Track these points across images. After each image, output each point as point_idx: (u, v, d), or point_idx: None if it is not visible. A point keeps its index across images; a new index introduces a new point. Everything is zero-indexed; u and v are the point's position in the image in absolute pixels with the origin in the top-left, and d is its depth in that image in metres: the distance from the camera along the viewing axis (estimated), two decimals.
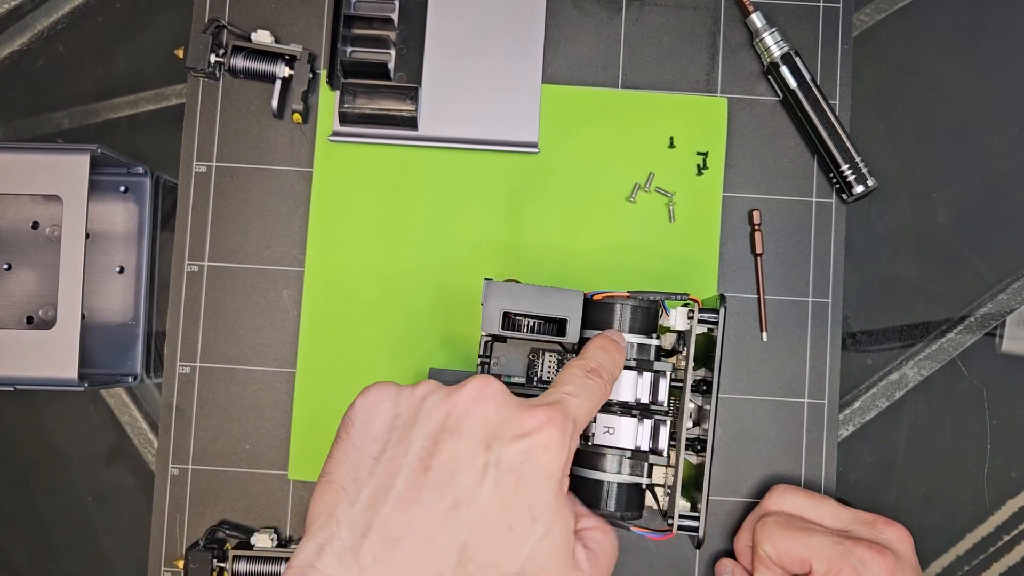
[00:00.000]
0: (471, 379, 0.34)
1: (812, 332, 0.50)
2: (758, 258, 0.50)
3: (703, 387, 0.42)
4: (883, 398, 0.51)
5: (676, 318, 0.41)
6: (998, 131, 0.52)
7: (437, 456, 0.32)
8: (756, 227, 0.50)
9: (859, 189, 0.49)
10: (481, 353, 0.43)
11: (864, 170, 0.49)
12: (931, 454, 0.51)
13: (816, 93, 0.49)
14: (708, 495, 0.40)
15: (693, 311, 0.41)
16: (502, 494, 0.32)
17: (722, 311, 0.40)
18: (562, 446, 0.33)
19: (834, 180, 0.50)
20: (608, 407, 0.40)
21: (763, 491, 0.49)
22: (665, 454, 0.40)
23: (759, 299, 0.50)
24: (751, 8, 0.50)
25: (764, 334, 0.50)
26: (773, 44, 0.50)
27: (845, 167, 0.49)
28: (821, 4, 0.52)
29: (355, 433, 0.34)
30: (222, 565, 0.47)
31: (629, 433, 0.39)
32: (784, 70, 0.49)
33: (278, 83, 0.50)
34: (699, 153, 0.51)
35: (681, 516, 0.40)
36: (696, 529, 0.40)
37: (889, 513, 0.50)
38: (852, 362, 0.51)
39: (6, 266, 0.49)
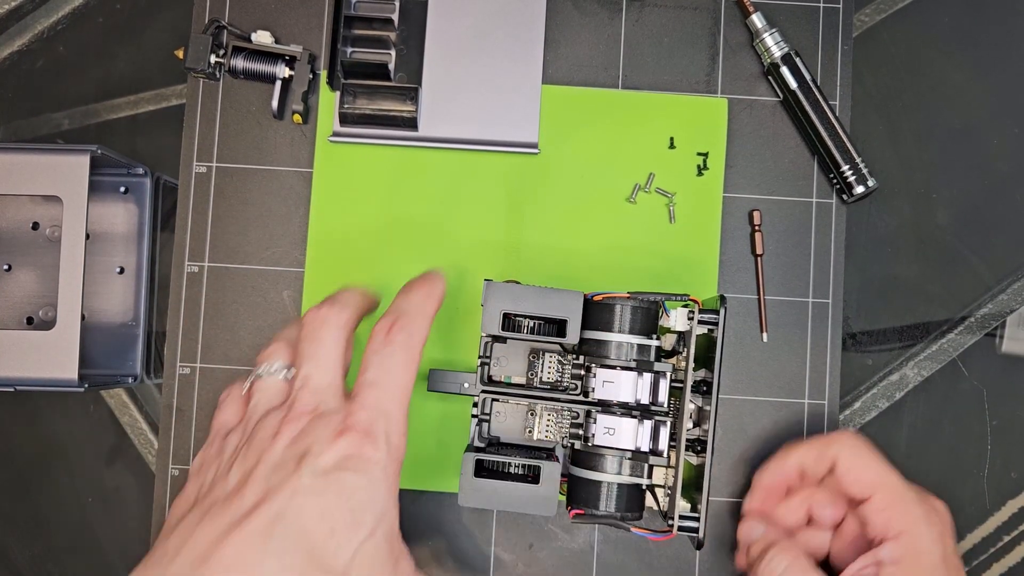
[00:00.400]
0: (288, 410, 0.37)
1: (812, 333, 0.50)
2: (758, 259, 0.50)
3: (703, 388, 0.42)
4: (883, 399, 0.51)
5: (676, 319, 0.41)
6: (998, 131, 0.52)
7: (251, 485, 0.35)
8: (756, 228, 0.50)
9: (860, 189, 0.49)
10: (481, 354, 0.43)
11: (864, 170, 0.49)
12: (931, 455, 0.51)
13: (816, 94, 0.49)
14: (708, 496, 0.40)
15: (693, 312, 0.41)
16: (320, 503, 0.34)
17: (722, 312, 0.40)
18: (374, 446, 0.35)
19: (834, 181, 0.50)
20: (608, 408, 0.40)
21: None
22: (665, 455, 0.40)
23: (759, 300, 0.50)
24: (751, 9, 0.50)
25: (764, 335, 0.50)
26: (773, 44, 0.50)
27: (845, 168, 0.49)
28: (821, 5, 0.52)
29: (199, 473, 0.39)
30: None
31: (629, 434, 0.39)
32: (784, 71, 0.49)
33: (278, 84, 0.50)
34: (699, 154, 0.51)
35: (681, 517, 0.40)
36: (696, 530, 0.40)
37: None
38: (852, 363, 0.51)
39: (6, 267, 0.49)
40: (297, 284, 0.50)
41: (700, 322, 0.41)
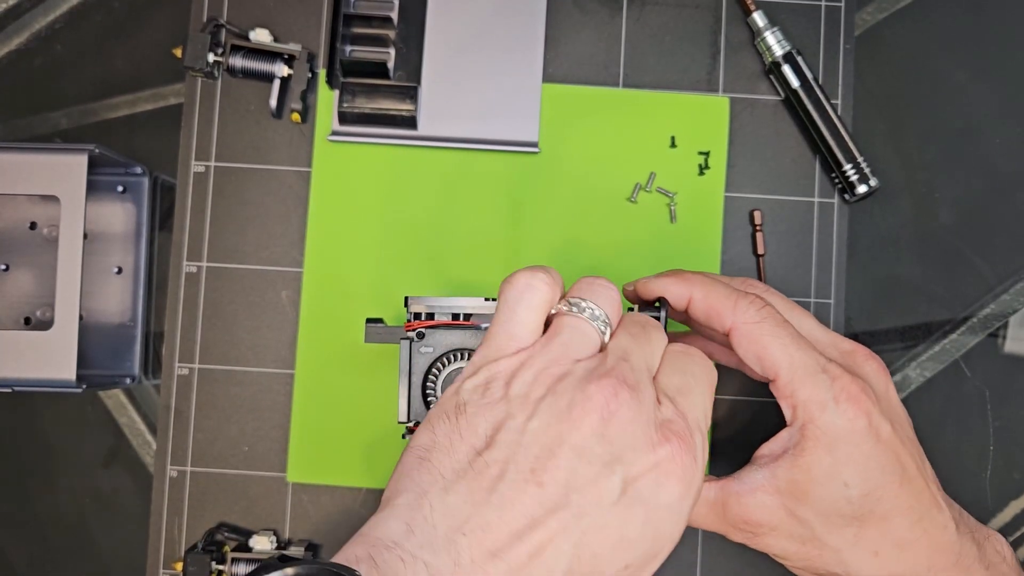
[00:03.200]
0: (603, 372, 0.31)
1: None
2: (760, 259, 0.50)
3: None
4: None
5: None
6: (1001, 131, 0.52)
7: (553, 472, 0.29)
8: (758, 227, 0.50)
9: (862, 189, 0.49)
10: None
11: (867, 170, 0.49)
12: (933, 455, 0.50)
13: (818, 92, 0.49)
14: None
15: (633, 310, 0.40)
16: (624, 526, 0.30)
17: (663, 314, 0.39)
18: (694, 465, 0.31)
19: (836, 180, 0.50)
20: None
21: None
22: None
23: None
24: (752, 7, 0.50)
25: None
26: (775, 43, 0.49)
27: (848, 167, 0.49)
28: (823, 3, 0.51)
29: (464, 420, 0.31)
30: (221, 567, 0.47)
31: None
32: (786, 69, 0.49)
33: (277, 82, 0.50)
34: (701, 153, 0.51)
35: None
36: None
37: None
38: None
39: (3, 267, 0.49)
40: (296, 284, 0.50)
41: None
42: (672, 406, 0.32)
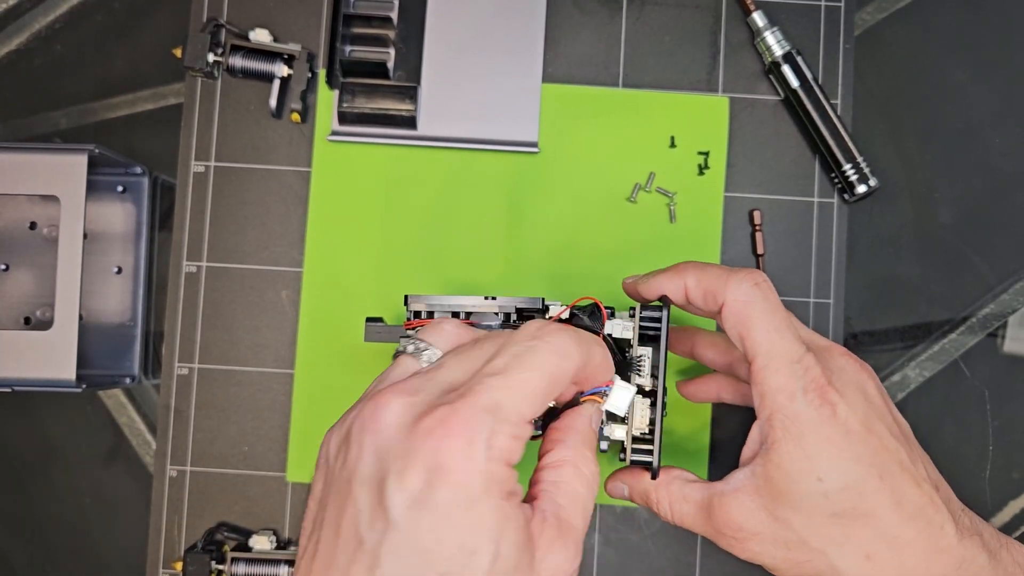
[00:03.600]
0: (368, 396, 0.30)
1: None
2: (759, 259, 0.50)
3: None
4: None
5: (611, 326, 0.40)
6: (1000, 131, 0.52)
7: (345, 512, 0.28)
8: (757, 227, 0.50)
9: (861, 189, 0.49)
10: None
11: (866, 170, 0.49)
12: (933, 455, 0.50)
13: (818, 92, 0.49)
14: (660, 430, 0.39)
15: (634, 313, 0.40)
16: (416, 541, 0.27)
17: (665, 313, 0.39)
18: (468, 449, 0.27)
19: (836, 180, 0.50)
20: None
21: None
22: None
23: None
24: (752, 7, 0.50)
25: None
26: (775, 43, 0.49)
27: (847, 167, 0.49)
28: (823, 3, 0.51)
29: (310, 495, 0.31)
30: (220, 567, 0.47)
31: None
32: (786, 69, 0.49)
33: (276, 82, 0.50)
34: (700, 153, 0.51)
35: (636, 451, 0.39)
36: (650, 463, 0.39)
37: None
38: None
39: (3, 267, 0.49)
40: (296, 284, 0.50)
41: (641, 322, 0.40)
42: (459, 395, 0.29)
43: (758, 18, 0.50)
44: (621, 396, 0.37)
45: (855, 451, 0.35)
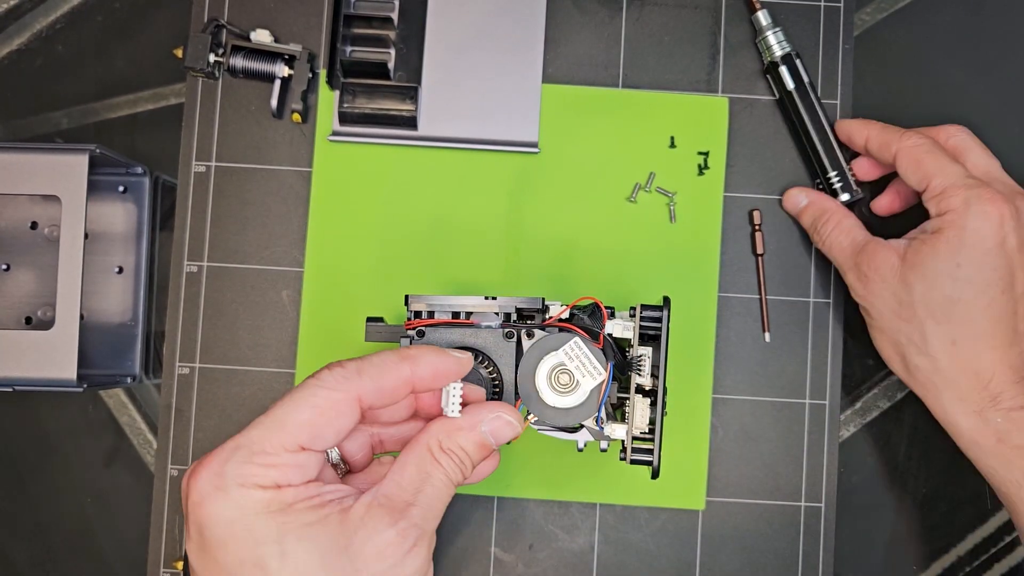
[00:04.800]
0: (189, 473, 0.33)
1: (813, 333, 0.50)
2: (759, 258, 0.50)
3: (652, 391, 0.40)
4: (884, 399, 0.51)
5: (611, 326, 0.40)
6: (999, 131, 0.52)
7: None
8: (757, 227, 0.50)
9: (844, 197, 0.49)
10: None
11: (851, 179, 0.49)
12: (932, 454, 0.51)
13: (812, 98, 0.49)
14: (661, 429, 0.39)
15: (635, 312, 0.40)
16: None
17: (666, 313, 0.39)
18: (217, 487, 0.32)
19: (820, 185, 0.50)
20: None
21: (765, 492, 0.49)
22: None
23: (761, 300, 0.50)
24: (757, 5, 0.50)
25: (767, 335, 0.50)
26: (776, 43, 0.49)
27: (832, 174, 0.49)
28: (822, 4, 0.51)
29: None
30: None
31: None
32: (783, 70, 0.49)
33: (277, 83, 0.50)
34: (700, 153, 0.51)
35: (636, 451, 0.39)
36: (651, 461, 0.39)
37: (890, 514, 0.50)
38: (853, 363, 0.51)
39: (5, 266, 0.49)
40: (296, 284, 0.50)
41: (641, 322, 0.40)
42: (219, 447, 0.33)
43: (762, 17, 0.50)
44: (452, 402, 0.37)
45: (996, 261, 0.42)
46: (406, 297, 0.40)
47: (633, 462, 0.39)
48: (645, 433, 0.39)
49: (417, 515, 0.33)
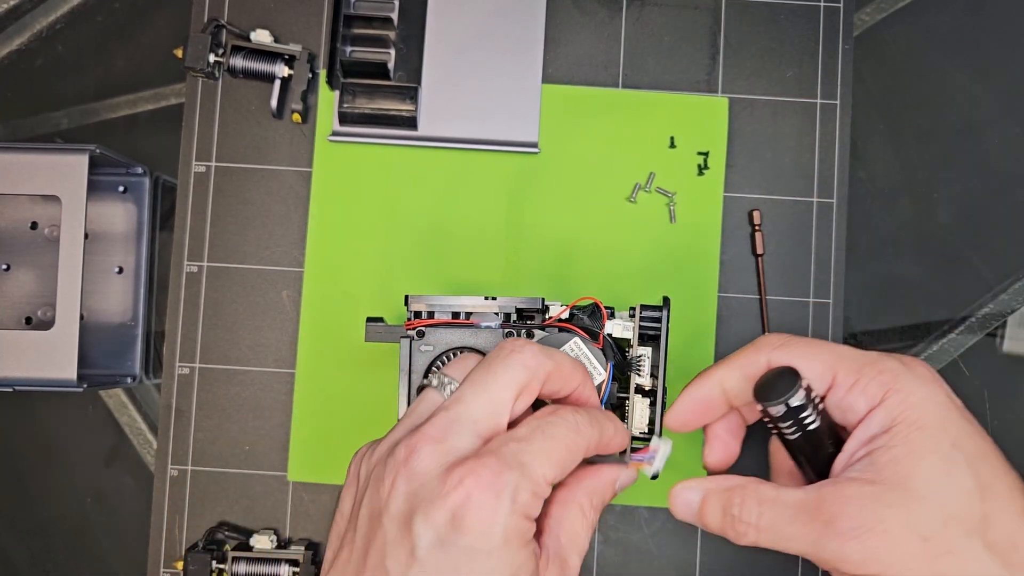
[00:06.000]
0: (401, 440, 0.32)
1: (813, 333, 0.50)
2: (759, 259, 0.50)
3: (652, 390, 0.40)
4: None
5: (611, 326, 0.40)
6: (999, 131, 0.52)
7: (373, 541, 0.30)
8: (757, 227, 0.50)
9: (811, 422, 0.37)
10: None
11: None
12: None
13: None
14: (661, 429, 0.39)
15: (635, 312, 0.40)
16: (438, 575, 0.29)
17: (665, 313, 0.39)
18: (495, 502, 0.29)
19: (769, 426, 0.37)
20: None
21: None
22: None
23: (761, 300, 0.50)
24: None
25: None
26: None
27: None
28: (822, 4, 0.51)
29: (338, 509, 0.34)
30: (221, 566, 0.47)
31: None
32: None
33: (277, 83, 0.50)
34: (700, 153, 0.51)
35: (636, 450, 0.39)
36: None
37: None
38: None
39: (5, 266, 0.49)
40: (296, 284, 0.50)
41: (641, 322, 0.40)
42: (489, 452, 0.31)
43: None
44: (662, 456, 0.37)
45: (970, 430, 0.34)
46: (406, 297, 0.40)
47: (633, 456, 0.39)
48: (645, 433, 0.39)
49: (573, 573, 0.33)
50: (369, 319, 0.42)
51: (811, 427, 0.34)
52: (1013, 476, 0.34)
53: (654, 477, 0.38)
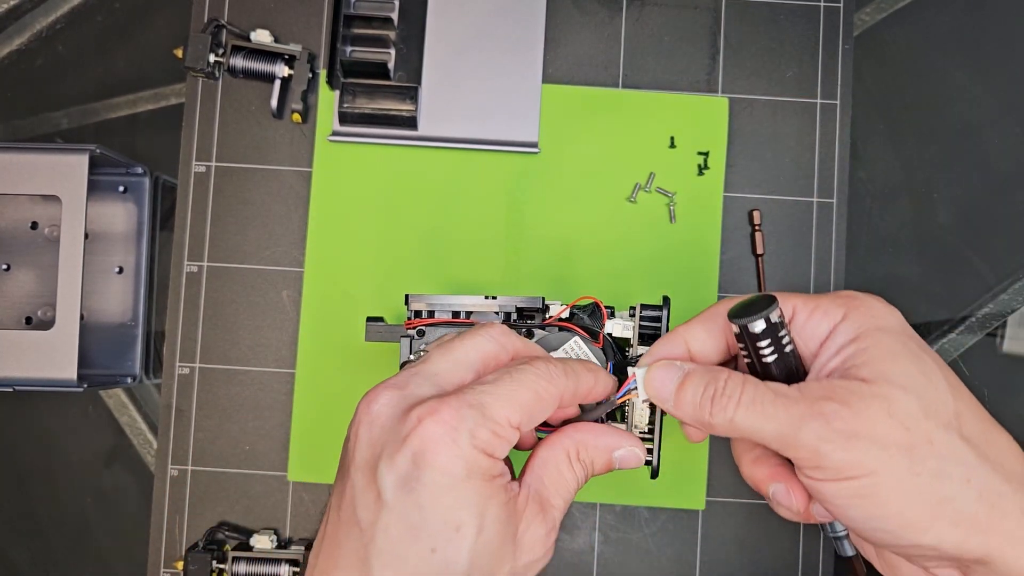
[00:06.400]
0: (367, 393, 0.32)
1: None
2: (759, 258, 0.50)
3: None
4: None
5: (611, 326, 0.40)
6: (999, 131, 0.52)
7: (344, 495, 0.31)
8: (757, 227, 0.50)
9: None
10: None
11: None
12: None
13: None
14: (660, 429, 0.39)
15: (634, 312, 0.40)
16: (405, 518, 0.30)
17: (665, 312, 0.39)
18: (453, 436, 0.30)
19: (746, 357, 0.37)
20: None
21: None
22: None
23: None
24: None
25: None
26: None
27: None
28: (822, 4, 0.51)
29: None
30: (221, 566, 0.47)
31: None
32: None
33: (277, 83, 0.50)
34: (700, 153, 0.51)
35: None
36: (650, 461, 0.39)
37: None
38: None
39: (5, 266, 0.49)
40: (296, 284, 0.50)
41: (642, 320, 0.40)
42: (450, 394, 0.31)
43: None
44: (642, 379, 0.36)
45: (913, 342, 0.34)
46: (406, 297, 0.40)
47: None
48: (645, 433, 0.39)
49: (556, 516, 0.33)
50: (369, 319, 0.42)
51: (788, 347, 0.34)
52: (969, 392, 0.35)
53: (645, 401, 0.37)
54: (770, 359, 0.34)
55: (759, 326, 0.33)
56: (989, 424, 0.34)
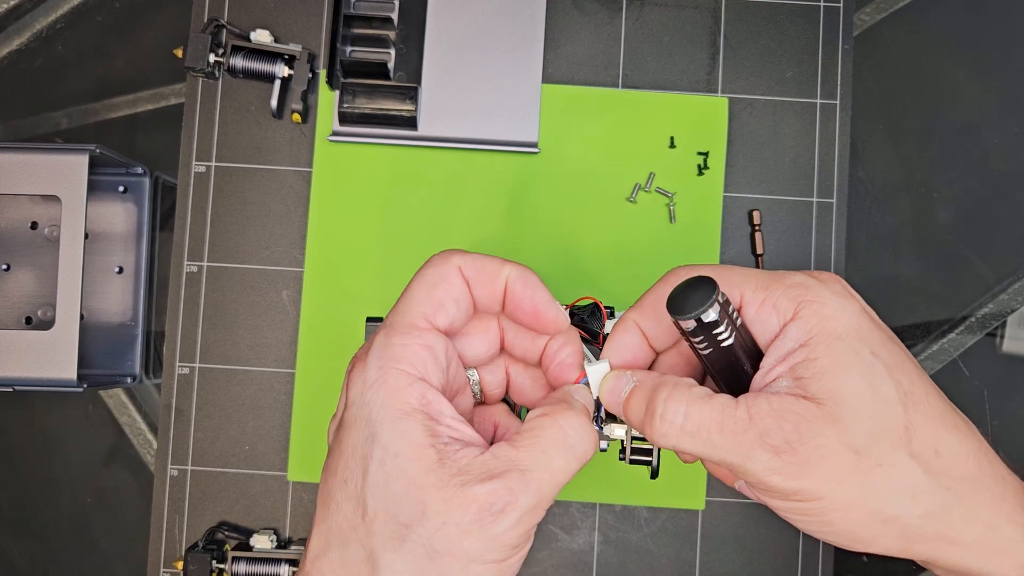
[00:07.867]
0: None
1: None
2: (759, 258, 0.50)
3: None
4: None
5: (611, 326, 0.40)
6: (999, 131, 0.52)
7: (327, 477, 0.34)
8: (757, 227, 0.50)
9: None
10: None
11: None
12: None
13: None
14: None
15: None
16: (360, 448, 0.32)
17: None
18: (363, 367, 0.32)
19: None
20: None
21: None
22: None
23: None
24: None
25: None
26: None
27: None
28: (822, 4, 0.52)
29: None
30: (221, 566, 0.47)
31: None
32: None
33: (277, 83, 0.50)
34: (700, 153, 0.51)
35: (635, 451, 0.39)
36: (650, 462, 0.39)
37: None
38: None
39: (5, 266, 0.49)
40: (296, 284, 0.50)
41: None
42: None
43: None
44: (595, 380, 0.35)
45: (874, 329, 0.33)
46: None
47: (632, 462, 0.39)
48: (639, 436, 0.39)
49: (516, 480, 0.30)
50: (369, 319, 0.42)
51: (724, 343, 0.31)
52: (928, 382, 0.33)
53: (597, 401, 0.35)
54: (706, 352, 0.32)
55: (689, 325, 0.31)
56: (941, 426, 0.33)
